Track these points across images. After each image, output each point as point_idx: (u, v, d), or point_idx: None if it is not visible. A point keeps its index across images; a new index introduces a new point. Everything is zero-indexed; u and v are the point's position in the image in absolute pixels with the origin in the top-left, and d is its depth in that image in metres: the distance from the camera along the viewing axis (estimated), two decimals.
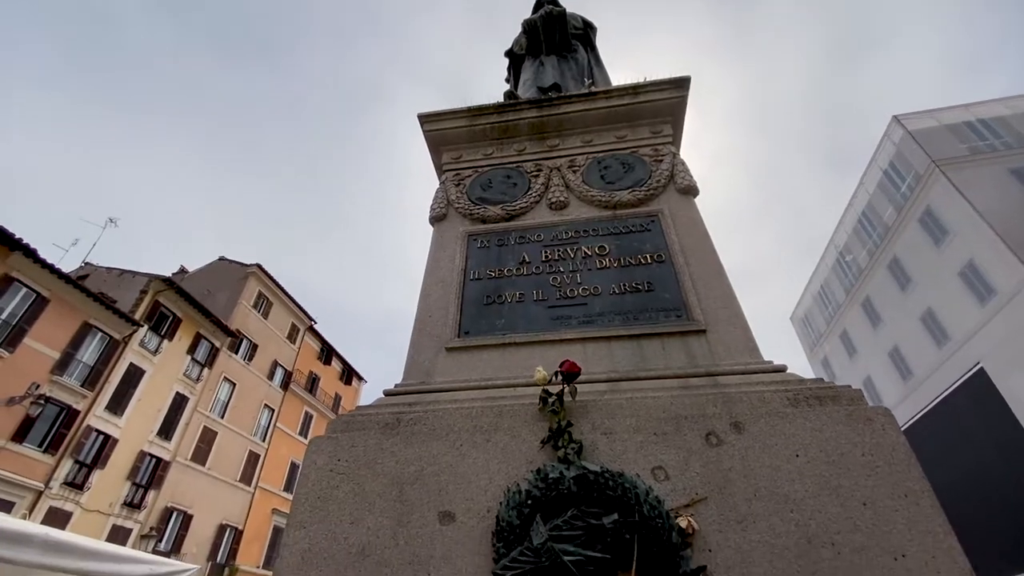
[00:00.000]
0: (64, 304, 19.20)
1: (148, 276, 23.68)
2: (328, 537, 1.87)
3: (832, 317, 30.80)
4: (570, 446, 1.84)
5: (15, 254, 17.69)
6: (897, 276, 24.40)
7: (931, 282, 21.82)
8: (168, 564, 5.94)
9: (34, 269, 18.28)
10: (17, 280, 17.93)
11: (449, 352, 2.59)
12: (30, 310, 18.21)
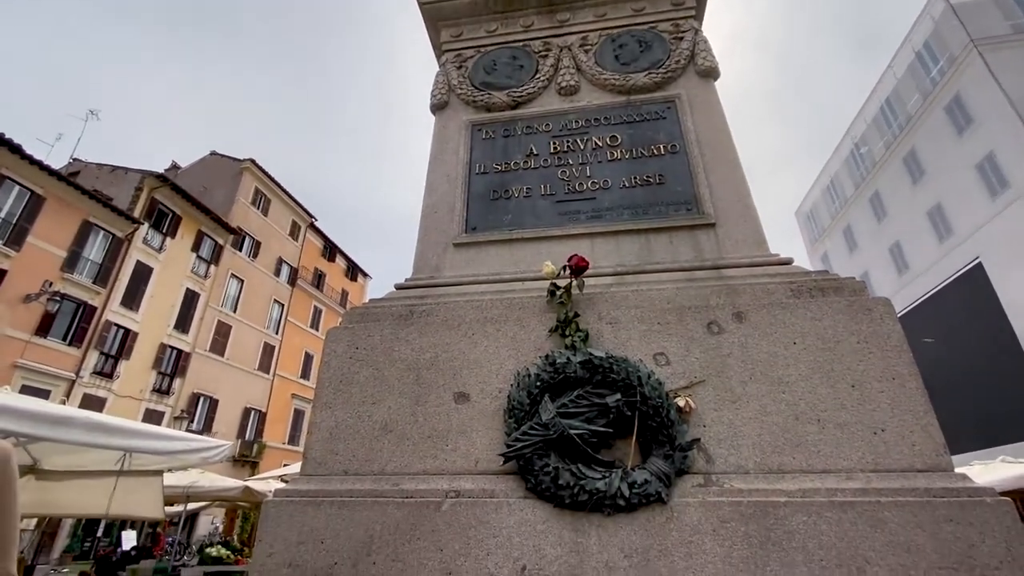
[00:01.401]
0: (61, 202, 18.97)
1: (141, 172, 23.08)
2: (353, 415, 2.03)
3: (838, 211, 30.50)
4: (577, 335, 1.93)
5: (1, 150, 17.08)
6: (911, 169, 23.70)
7: (945, 175, 21.26)
8: (204, 440, 6.54)
9: (23, 166, 17.78)
10: (9, 178, 17.53)
11: (457, 248, 2.60)
12: (28, 209, 18.04)
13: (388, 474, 1.90)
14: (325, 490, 1.86)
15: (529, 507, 1.68)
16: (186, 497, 10.77)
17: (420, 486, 1.81)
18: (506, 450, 1.76)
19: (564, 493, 1.64)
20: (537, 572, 1.59)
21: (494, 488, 1.75)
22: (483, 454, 1.87)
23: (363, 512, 1.76)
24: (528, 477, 1.70)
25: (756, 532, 1.54)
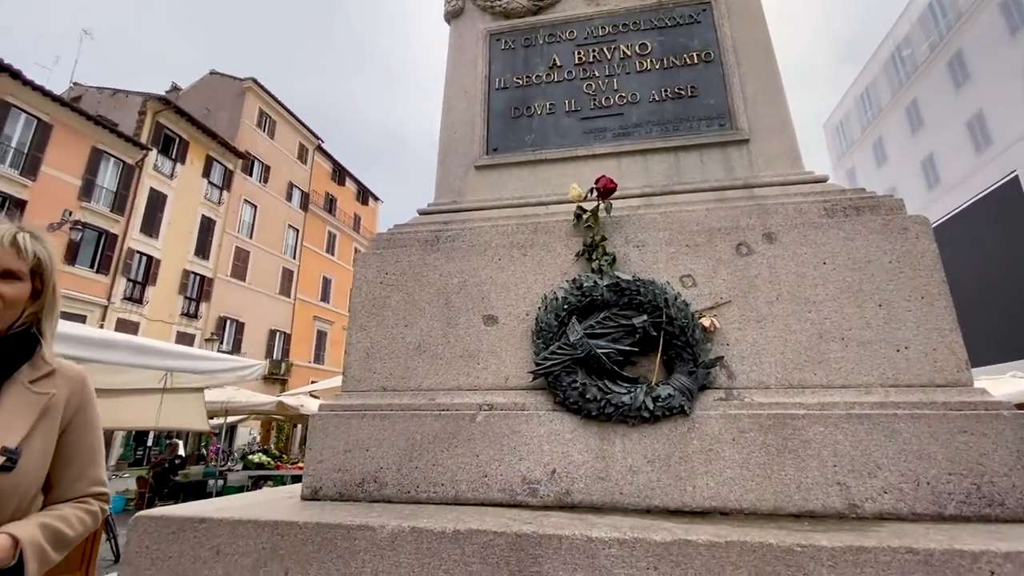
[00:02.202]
0: (68, 130, 18.68)
1: (143, 95, 22.39)
2: (387, 337, 2.12)
3: (870, 123, 28.76)
4: (603, 258, 1.93)
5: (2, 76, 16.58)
6: (955, 73, 21.94)
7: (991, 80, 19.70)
8: (238, 360, 6.92)
9: (27, 93, 17.33)
10: (15, 106, 17.17)
11: (478, 171, 2.55)
12: (37, 137, 17.84)
13: (424, 390, 2.01)
14: (366, 404, 1.99)
15: (558, 419, 1.79)
16: (225, 411, 11.59)
17: (455, 400, 1.93)
18: (535, 368, 1.84)
19: (591, 406, 1.73)
20: (566, 475, 1.72)
21: (524, 402, 1.86)
22: (512, 371, 1.96)
23: (403, 423, 1.90)
24: (557, 392, 1.80)
25: (773, 441, 1.63)
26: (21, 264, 0.98)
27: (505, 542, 1.38)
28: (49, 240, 1.07)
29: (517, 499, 1.73)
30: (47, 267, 1.04)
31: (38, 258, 1.02)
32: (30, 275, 1.01)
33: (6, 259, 0.96)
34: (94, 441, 1.12)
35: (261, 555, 1.50)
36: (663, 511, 1.62)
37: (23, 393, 0.98)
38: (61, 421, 1.03)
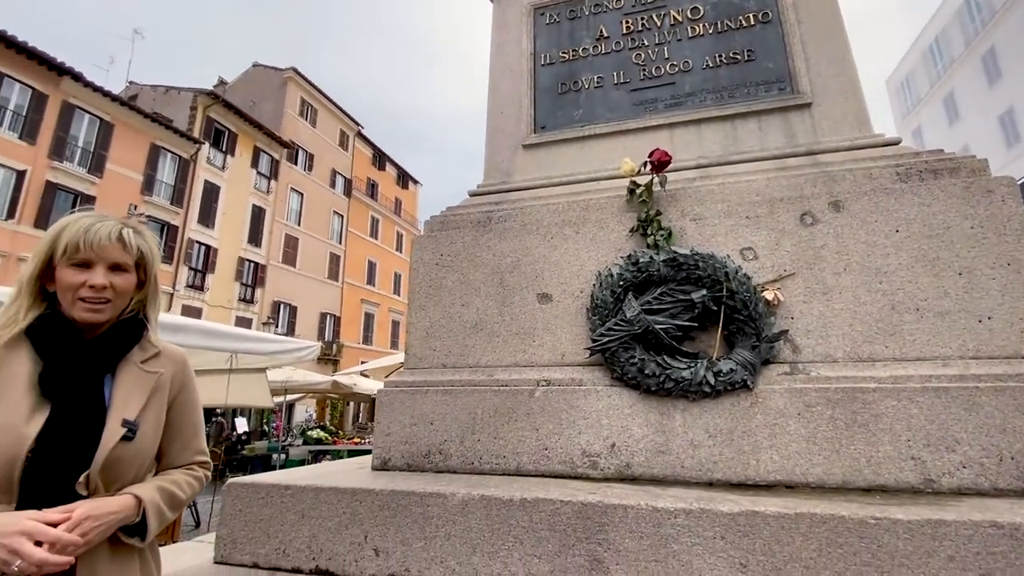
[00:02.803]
0: (128, 128, 19.78)
1: (193, 91, 23.35)
2: (444, 316, 2.19)
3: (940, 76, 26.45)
4: (659, 233, 1.91)
5: (65, 79, 17.68)
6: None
7: None
8: (296, 342, 7.28)
9: (88, 94, 18.41)
10: (79, 107, 18.30)
11: (527, 149, 2.55)
12: (101, 136, 18.99)
13: (482, 366, 2.08)
14: (428, 380, 2.08)
15: (616, 393, 1.81)
16: (284, 390, 12.26)
17: (513, 376, 1.98)
18: (592, 344, 1.86)
19: (650, 381, 1.74)
20: (626, 449, 1.75)
21: (581, 378, 1.89)
22: (568, 348, 1.99)
23: (464, 398, 1.97)
24: (614, 368, 1.81)
25: (842, 416, 1.60)
26: (127, 257, 1.08)
27: (571, 511, 1.43)
28: (150, 234, 1.17)
29: (578, 471, 1.78)
30: (149, 259, 1.14)
31: (141, 251, 1.12)
32: (135, 267, 1.11)
33: (114, 253, 1.06)
34: (196, 416, 1.23)
35: (342, 519, 1.62)
36: (726, 484, 1.63)
37: (136, 372, 1.10)
38: (168, 397, 1.14)
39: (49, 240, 1.03)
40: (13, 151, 16.42)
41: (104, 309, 1.04)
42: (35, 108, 17.08)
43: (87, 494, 0.95)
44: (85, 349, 1.03)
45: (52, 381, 0.98)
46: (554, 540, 1.43)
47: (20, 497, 0.90)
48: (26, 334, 1.00)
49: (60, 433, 0.94)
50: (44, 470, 0.91)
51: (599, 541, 1.39)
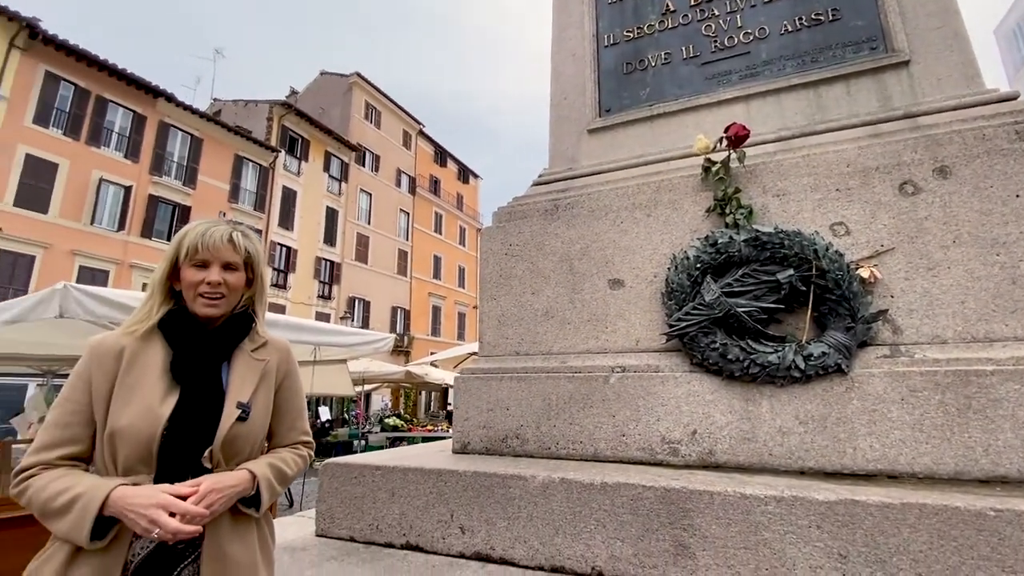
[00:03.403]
0: (215, 142, 21.55)
1: (268, 103, 24.99)
2: (515, 305, 2.23)
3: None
4: (739, 211, 1.83)
5: (160, 101, 19.52)
6: None
7: None
8: (372, 335, 7.66)
9: (179, 112, 20.23)
10: (173, 126, 20.17)
11: (592, 134, 2.51)
12: (192, 151, 20.83)
13: (555, 353, 2.09)
14: (502, 368, 2.13)
15: (696, 380, 1.76)
16: (362, 380, 12.95)
17: (586, 363, 1.98)
18: (669, 330, 1.82)
19: (733, 367, 1.68)
20: (708, 436, 1.70)
21: (658, 364, 1.85)
22: (643, 334, 1.96)
23: (538, 385, 2.00)
24: (694, 353, 1.77)
25: (953, 401, 1.46)
26: (237, 257, 1.20)
27: (654, 496, 1.42)
28: (255, 237, 1.28)
29: (657, 458, 1.75)
30: (255, 259, 1.26)
31: (248, 252, 1.23)
32: (244, 266, 1.22)
33: (226, 254, 1.17)
34: (300, 400, 1.35)
35: (429, 498, 1.70)
36: (819, 473, 1.55)
37: (248, 360, 1.21)
38: (275, 382, 1.26)
39: (175, 245, 1.17)
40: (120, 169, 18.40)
41: (219, 304, 1.15)
42: (136, 129, 19.02)
43: (211, 467, 1.07)
44: (207, 340, 1.15)
45: (181, 368, 1.10)
46: (637, 524, 1.42)
47: (157, 469, 1.03)
48: (158, 327, 1.14)
49: (188, 413, 1.06)
50: (175, 445, 1.03)
51: (684, 527, 1.37)
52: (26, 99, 16.33)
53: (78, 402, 1.03)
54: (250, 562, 1.06)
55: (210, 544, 1.02)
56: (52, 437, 1.01)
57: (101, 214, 17.81)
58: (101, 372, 1.05)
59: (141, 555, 0.98)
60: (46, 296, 4.08)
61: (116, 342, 1.08)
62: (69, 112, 17.36)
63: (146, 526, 0.92)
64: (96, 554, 0.94)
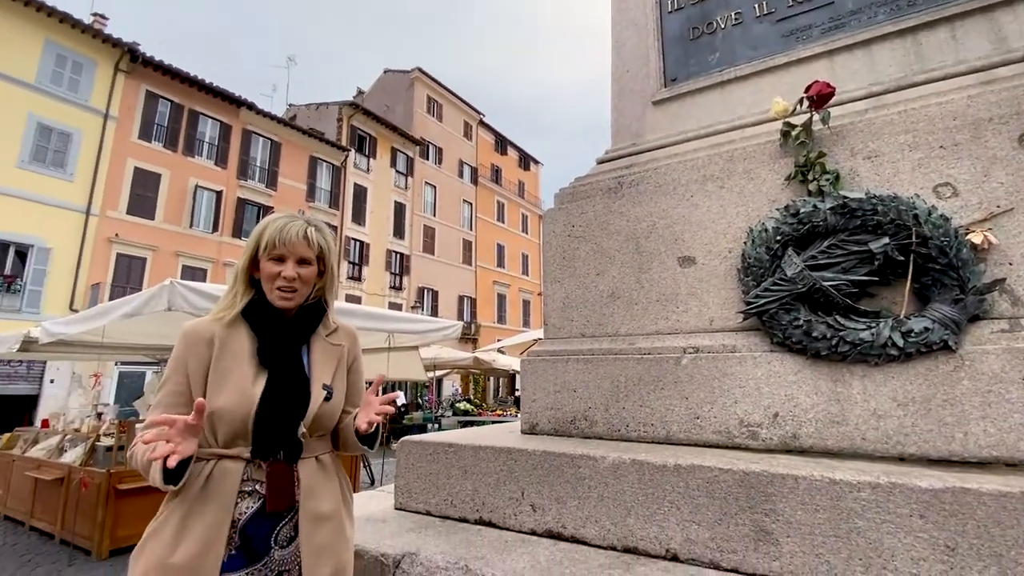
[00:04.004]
0: (292, 145, 22.95)
1: (338, 104, 26.20)
2: (580, 287, 2.20)
3: None
4: (823, 177, 1.68)
5: (242, 110, 21.04)
6: None
7: None
8: (442, 322, 7.90)
9: (260, 120, 21.72)
10: (255, 132, 21.70)
11: (657, 106, 2.41)
12: (272, 155, 22.33)
13: (622, 335, 2.05)
14: (568, 350, 2.12)
15: (777, 359, 1.66)
16: (433, 366, 13.43)
17: (656, 344, 1.92)
18: (746, 308, 1.73)
19: (819, 345, 1.56)
20: (791, 419, 1.60)
21: (734, 344, 1.76)
22: (717, 313, 1.87)
23: (605, 367, 1.97)
24: (774, 331, 1.66)
25: None
26: (311, 253, 1.27)
27: (732, 479, 1.36)
28: (328, 232, 1.35)
29: (735, 441, 1.67)
30: (327, 253, 1.33)
31: (321, 246, 1.31)
32: (317, 260, 1.29)
33: (301, 250, 1.25)
34: (363, 381, 1.44)
35: (500, 476, 1.74)
36: (921, 460, 1.41)
37: (324, 345, 1.31)
38: (347, 364, 1.36)
39: (255, 237, 1.25)
40: (212, 176, 20.10)
41: (293, 297, 1.23)
42: (223, 137, 20.64)
43: (303, 439, 1.17)
44: (287, 327, 1.24)
45: (267, 353, 1.19)
46: (714, 508, 1.37)
47: (253, 442, 1.12)
48: (243, 315, 1.23)
49: (276, 394, 1.16)
50: (267, 422, 1.13)
51: (765, 511, 1.30)
52: (131, 117, 18.20)
53: (178, 383, 1.15)
54: (336, 516, 1.18)
55: (305, 505, 1.13)
56: (155, 418, 1.14)
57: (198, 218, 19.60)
58: (195, 356, 1.16)
59: (247, 514, 1.09)
60: (156, 292, 4.57)
61: (207, 329, 1.19)
62: (167, 126, 19.16)
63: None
64: (204, 518, 1.05)
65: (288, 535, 1.13)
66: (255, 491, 1.11)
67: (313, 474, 1.17)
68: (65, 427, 6.91)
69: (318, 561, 1.11)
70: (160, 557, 1.02)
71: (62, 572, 4.22)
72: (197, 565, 1.01)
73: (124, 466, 4.87)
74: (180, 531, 1.04)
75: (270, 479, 1.11)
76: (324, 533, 1.14)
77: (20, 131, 15.69)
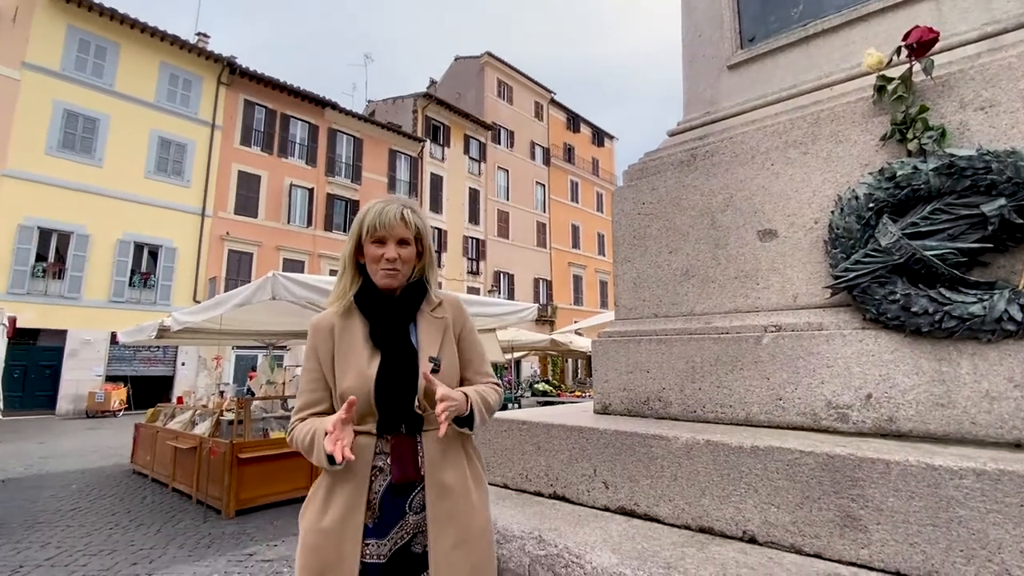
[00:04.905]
0: (372, 140, 24.11)
1: (412, 96, 27.05)
2: (651, 265, 2.16)
3: None
4: (926, 134, 1.51)
5: (327, 110, 22.38)
6: None
7: None
8: (519, 305, 8.03)
9: (343, 118, 23.00)
10: (339, 131, 23.04)
11: (733, 70, 2.27)
12: (355, 151, 23.61)
13: (698, 314, 1.99)
14: (640, 330, 2.09)
15: (870, 337, 1.53)
16: (511, 348, 13.71)
17: (734, 323, 1.85)
18: (834, 282, 1.61)
19: (920, 321, 1.42)
20: (887, 400, 1.48)
21: (821, 321, 1.65)
22: (801, 288, 1.76)
23: (680, 347, 1.93)
24: (867, 307, 1.54)
25: None
26: (408, 233, 1.33)
27: (815, 462, 1.30)
28: (423, 213, 1.42)
29: (822, 424, 1.58)
30: (423, 233, 1.38)
31: (417, 227, 1.35)
32: (414, 240, 1.35)
33: (399, 231, 1.31)
34: (479, 346, 1.46)
35: (572, 453, 1.78)
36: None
37: (429, 319, 1.35)
38: (455, 334, 1.38)
39: (357, 224, 1.33)
40: (304, 175, 21.67)
41: (397, 275, 1.30)
42: (311, 137, 22.14)
43: (422, 413, 1.23)
44: (394, 308, 1.31)
45: (378, 335, 1.28)
46: (795, 491, 1.32)
47: (378, 417, 1.22)
48: (355, 301, 1.33)
49: (390, 371, 1.23)
50: (386, 398, 1.21)
51: (852, 497, 1.23)
52: (233, 125, 20.04)
53: (314, 370, 1.28)
54: (463, 487, 1.23)
55: (429, 476, 1.20)
56: (303, 402, 1.28)
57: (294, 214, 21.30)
58: (322, 346, 1.28)
59: (380, 491, 1.20)
60: (261, 284, 5.07)
61: (328, 321, 1.31)
62: (263, 131, 20.88)
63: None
64: (345, 488, 1.17)
65: (420, 502, 1.21)
66: (387, 466, 1.20)
67: (436, 446, 1.22)
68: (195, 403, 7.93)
69: (442, 531, 1.17)
70: (312, 522, 1.18)
71: (199, 527, 4.90)
72: (341, 529, 1.15)
73: (243, 438, 5.53)
74: (327, 499, 1.18)
75: (394, 451, 1.20)
76: (448, 503, 1.20)
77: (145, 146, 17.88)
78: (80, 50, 16.74)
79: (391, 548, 1.18)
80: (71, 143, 16.33)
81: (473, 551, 1.19)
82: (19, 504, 5.67)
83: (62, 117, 16.19)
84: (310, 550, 1.16)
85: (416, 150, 25.61)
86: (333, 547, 1.14)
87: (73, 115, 16.40)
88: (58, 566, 3.90)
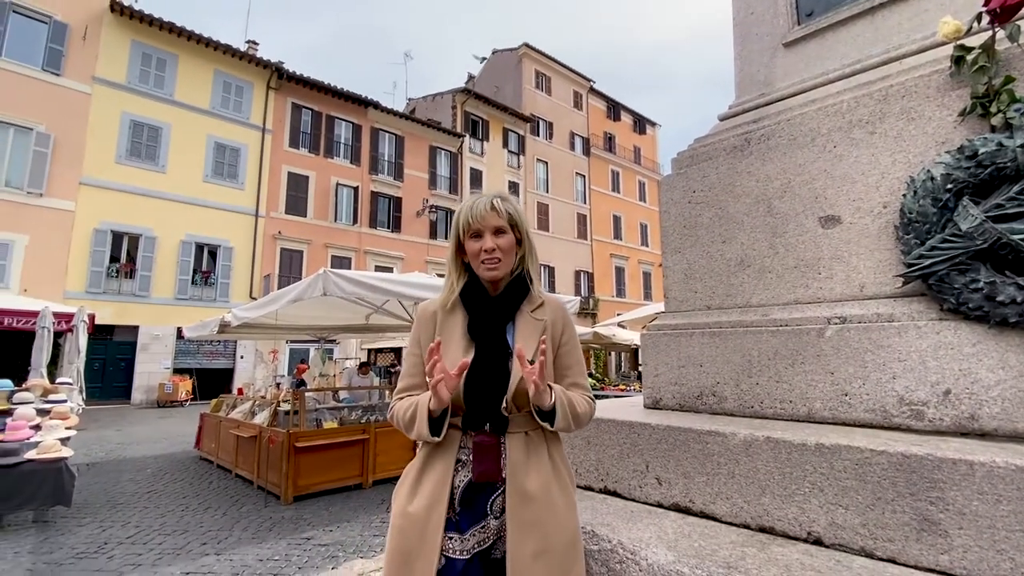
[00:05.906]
0: (413, 137, 24.50)
1: (451, 92, 27.26)
2: (703, 255, 2.08)
3: None
4: (1012, 107, 1.38)
5: (370, 110, 22.89)
6: None
7: None
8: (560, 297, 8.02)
9: (385, 117, 23.47)
10: (381, 130, 23.53)
11: (789, 48, 2.15)
12: (397, 149, 24.06)
13: (754, 306, 1.91)
14: (692, 323, 2.03)
15: (948, 329, 1.42)
16: None
17: (794, 315, 1.76)
18: (907, 270, 1.50)
19: (1006, 311, 1.31)
20: (968, 396, 1.38)
21: (892, 312, 1.55)
22: (869, 278, 1.65)
23: (734, 340, 1.85)
24: (944, 297, 1.43)
25: None
26: (502, 221, 1.29)
27: (887, 461, 1.22)
28: (515, 199, 1.38)
29: (893, 421, 1.49)
30: (518, 219, 1.34)
31: (510, 214, 1.31)
32: (510, 228, 1.31)
33: (492, 220, 1.28)
34: (578, 356, 1.40)
35: (623, 448, 1.75)
36: None
37: (529, 320, 1.32)
38: (553, 340, 1.33)
39: (455, 224, 1.33)
40: (348, 174, 22.29)
41: (498, 266, 1.28)
42: (355, 137, 22.72)
43: (507, 415, 1.21)
44: (493, 305, 1.30)
45: (475, 329, 1.27)
46: (865, 492, 1.25)
47: (465, 410, 1.21)
48: (460, 297, 1.33)
49: (481, 367, 1.21)
50: (474, 392, 1.20)
51: (931, 500, 1.15)
52: (282, 128, 20.83)
53: (416, 355, 1.32)
54: (546, 494, 1.17)
55: (511, 480, 1.17)
56: (404, 384, 1.32)
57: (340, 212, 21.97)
58: (424, 332, 1.32)
59: (460, 487, 1.19)
60: (313, 280, 5.26)
61: (432, 308, 1.34)
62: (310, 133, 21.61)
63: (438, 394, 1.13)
64: (432, 476, 1.19)
65: (501, 506, 1.18)
66: (469, 461, 1.19)
67: (520, 449, 1.18)
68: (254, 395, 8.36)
69: (522, 538, 1.12)
70: (401, 505, 1.21)
71: (260, 511, 5.18)
72: (425, 517, 1.16)
73: (299, 428, 5.78)
74: (415, 484, 1.21)
75: (475, 449, 1.18)
76: (529, 510, 1.15)
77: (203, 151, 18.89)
78: (143, 63, 17.83)
79: (473, 547, 1.17)
80: (138, 151, 17.47)
81: (555, 562, 1.13)
82: (102, 486, 6.17)
83: (129, 127, 17.32)
84: (397, 532, 1.18)
85: (456, 146, 25.83)
86: (417, 533, 1.15)
87: (139, 125, 17.52)
88: (138, 543, 4.23)
